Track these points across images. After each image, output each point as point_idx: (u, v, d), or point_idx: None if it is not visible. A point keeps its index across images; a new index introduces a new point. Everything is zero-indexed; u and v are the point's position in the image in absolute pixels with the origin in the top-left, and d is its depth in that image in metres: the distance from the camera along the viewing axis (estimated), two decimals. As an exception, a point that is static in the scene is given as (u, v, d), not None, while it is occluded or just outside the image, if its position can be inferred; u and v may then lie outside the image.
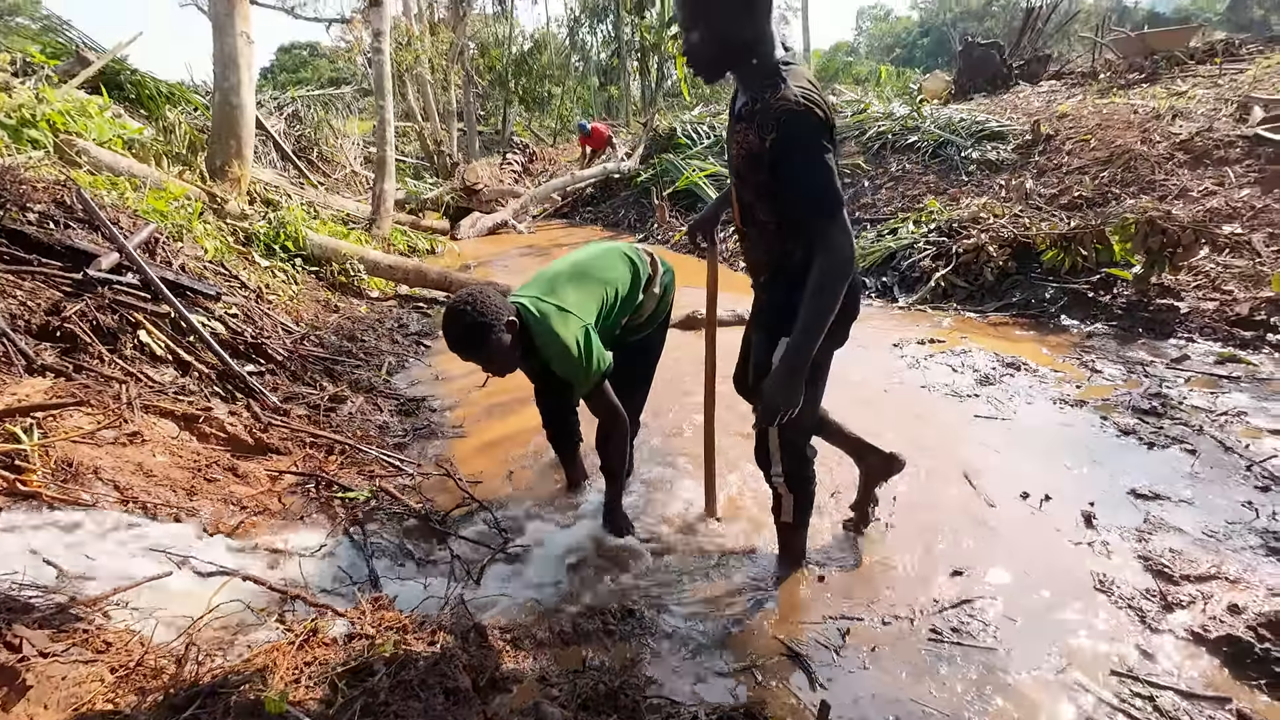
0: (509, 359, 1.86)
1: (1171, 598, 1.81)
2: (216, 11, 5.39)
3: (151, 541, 1.66)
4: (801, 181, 1.37)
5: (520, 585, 1.97)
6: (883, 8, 43.11)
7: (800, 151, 1.35)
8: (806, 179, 1.36)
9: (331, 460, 2.53)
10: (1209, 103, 6.74)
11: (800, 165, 1.36)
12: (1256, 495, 2.30)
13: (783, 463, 1.76)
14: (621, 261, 2.10)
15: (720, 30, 1.37)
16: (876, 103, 10.00)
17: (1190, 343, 3.78)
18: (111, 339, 2.59)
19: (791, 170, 1.38)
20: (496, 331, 1.76)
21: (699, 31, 1.39)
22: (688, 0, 1.39)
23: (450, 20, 17.06)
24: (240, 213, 4.85)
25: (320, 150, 10.80)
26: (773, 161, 1.39)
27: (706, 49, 1.41)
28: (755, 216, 1.56)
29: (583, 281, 1.98)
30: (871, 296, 5.37)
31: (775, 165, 1.39)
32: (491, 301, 1.78)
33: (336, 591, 1.80)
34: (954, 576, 1.95)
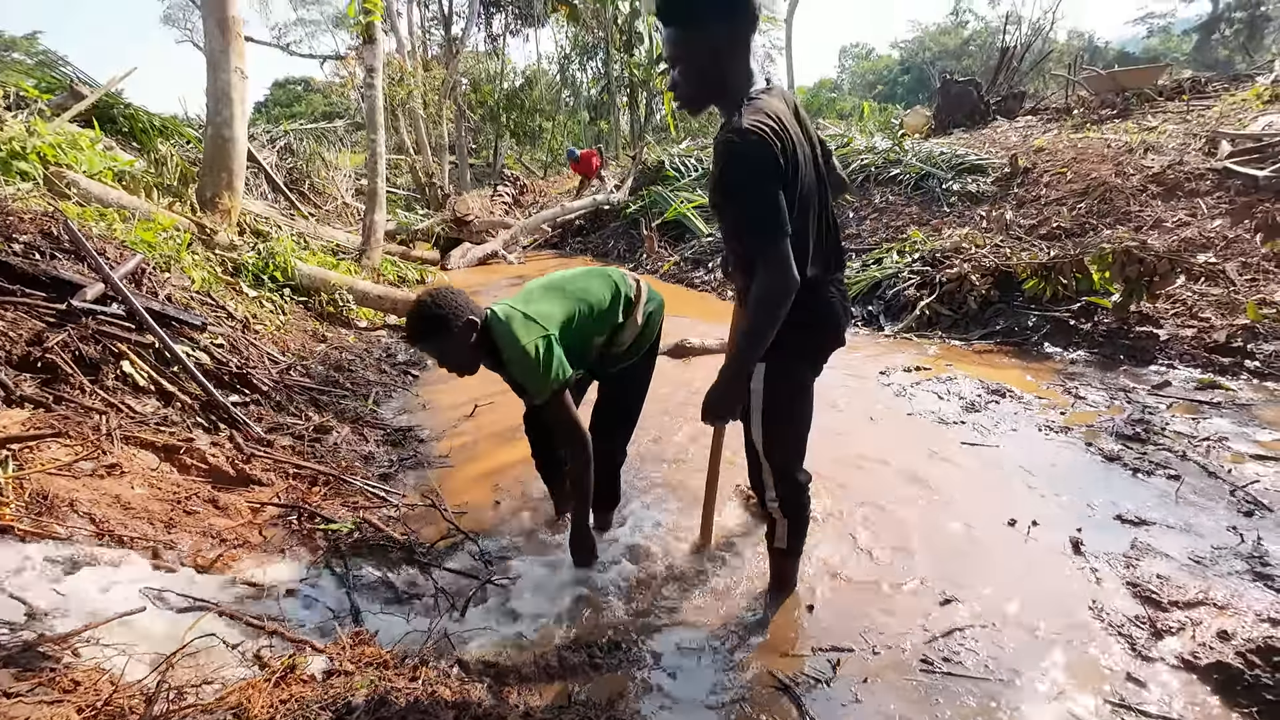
0: (464, 357, 1.89)
1: (1161, 624, 1.81)
2: (212, 48, 5.48)
3: (126, 576, 1.62)
4: (733, 211, 1.43)
5: (505, 618, 1.93)
6: (864, 46, 44.51)
7: (733, 181, 1.39)
8: (738, 208, 1.41)
9: (315, 491, 2.50)
10: (1179, 137, 6.97)
11: (732, 194, 1.40)
12: (1241, 520, 2.31)
13: (777, 488, 1.76)
14: (601, 280, 2.11)
15: (699, 68, 1.45)
16: (860, 137, 10.25)
17: (1171, 369, 3.84)
18: (93, 369, 2.56)
19: (725, 199, 1.43)
20: (453, 326, 1.81)
21: (680, 68, 1.47)
22: (671, 41, 1.45)
23: (443, 57, 17.42)
24: (229, 243, 4.86)
25: (312, 182, 10.89)
26: (718, 189, 1.45)
27: (688, 85, 1.48)
28: (727, 244, 1.64)
29: (555, 294, 2.00)
30: (858, 325, 5.43)
31: (718, 192, 1.45)
32: (454, 299, 1.85)
33: (316, 626, 1.75)
34: (944, 605, 1.93)
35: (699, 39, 1.43)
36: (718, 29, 1.42)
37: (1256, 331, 3.93)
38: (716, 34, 1.42)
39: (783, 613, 1.93)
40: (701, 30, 1.42)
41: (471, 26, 18.05)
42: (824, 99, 27.91)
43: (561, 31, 20.53)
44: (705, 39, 1.42)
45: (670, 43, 1.46)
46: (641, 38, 18.80)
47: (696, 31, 1.42)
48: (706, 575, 2.13)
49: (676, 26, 1.44)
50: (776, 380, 1.63)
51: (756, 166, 1.36)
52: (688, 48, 1.44)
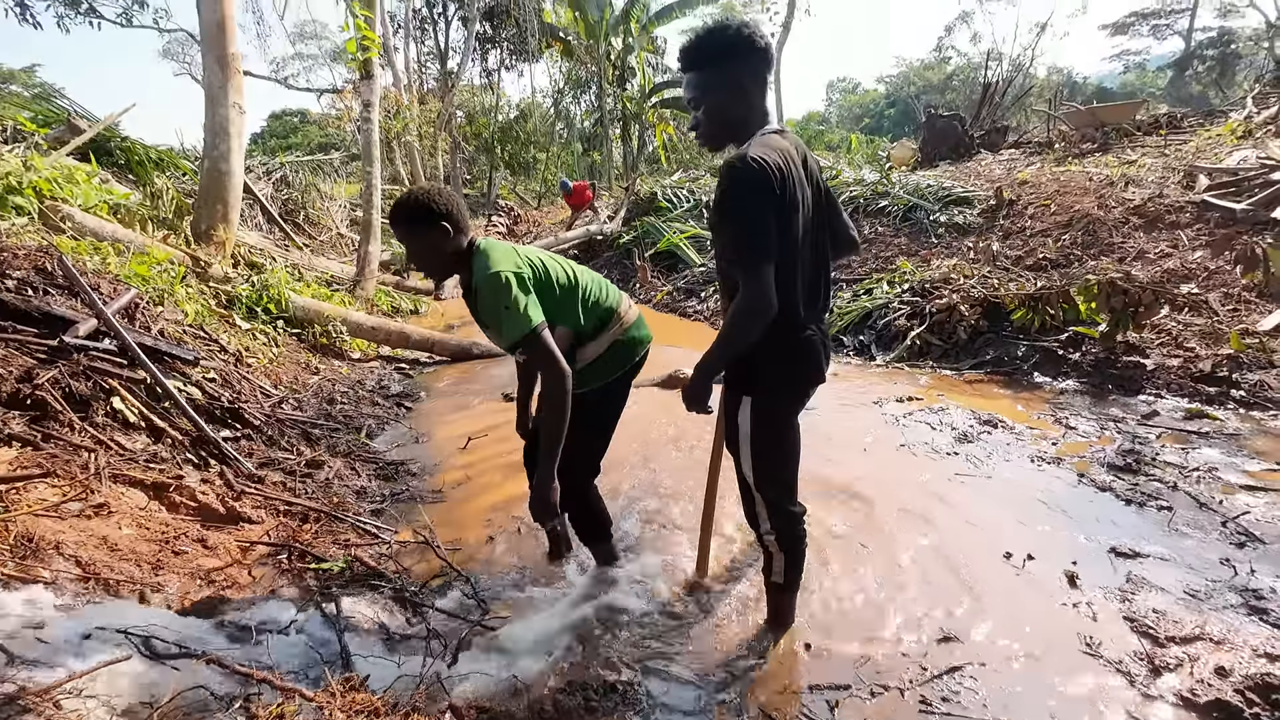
0: (432, 259, 1.81)
1: (1159, 660, 1.80)
2: (211, 83, 5.57)
3: (112, 621, 1.59)
4: (725, 231, 1.51)
5: (499, 660, 1.89)
6: (851, 81, 45.68)
7: (728, 203, 1.47)
8: (729, 229, 1.49)
9: (306, 529, 2.46)
10: (1158, 171, 7.16)
11: (726, 216, 1.48)
12: (1233, 552, 2.32)
13: (770, 521, 1.77)
14: (599, 280, 2.06)
15: (721, 107, 1.56)
16: (848, 169, 10.46)
17: (1159, 398, 3.89)
18: (84, 406, 2.54)
19: (719, 219, 1.52)
20: (433, 221, 1.74)
21: (704, 109, 1.57)
22: (692, 85, 1.56)
23: (439, 90, 17.74)
24: (223, 276, 4.87)
25: (307, 213, 10.96)
26: (713, 208, 1.53)
27: (711, 124, 1.59)
28: (722, 265, 1.67)
29: (549, 257, 1.95)
30: (850, 354, 5.48)
31: (714, 211, 1.53)
32: (449, 200, 1.78)
33: (306, 672, 1.72)
34: (942, 642, 1.92)
35: (721, 80, 1.54)
36: (739, 69, 1.53)
37: (1241, 361, 3.99)
38: (738, 74, 1.53)
39: (781, 650, 1.91)
40: (724, 72, 1.53)
41: (467, 61, 18.42)
42: (812, 131, 28.52)
43: (555, 66, 20.98)
44: (728, 80, 1.53)
45: (693, 86, 1.56)
46: (634, 72, 19.24)
47: (719, 73, 1.53)
48: (704, 611, 2.11)
49: (700, 70, 1.55)
50: (762, 415, 1.67)
51: (753, 191, 1.43)
52: (711, 89, 1.55)
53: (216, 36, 5.47)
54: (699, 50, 1.54)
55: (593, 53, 18.30)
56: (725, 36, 1.51)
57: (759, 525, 1.80)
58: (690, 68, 1.56)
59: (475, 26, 17.60)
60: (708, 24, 1.57)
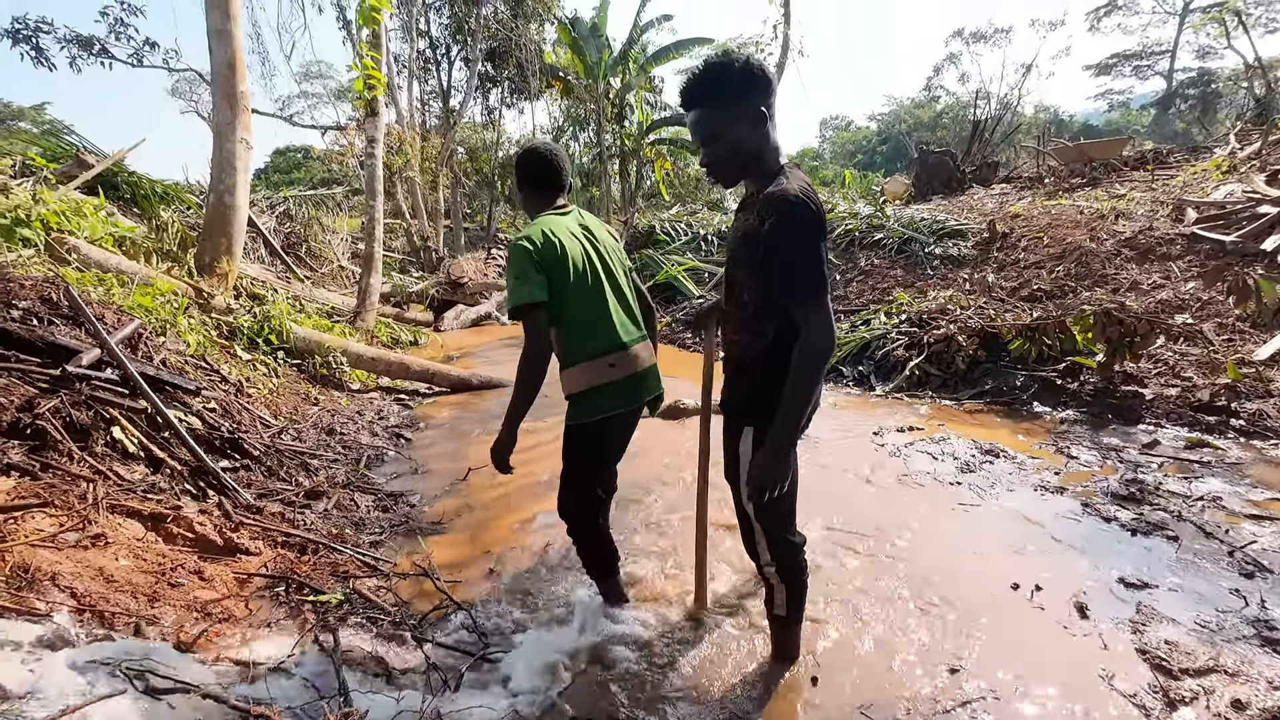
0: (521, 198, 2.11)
1: (1174, 693, 1.77)
2: (219, 120, 5.68)
3: (106, 654, 1.56)
4: (790, 262, 1.47)
5: (500, 695, 1.85)
6: (843, 118, 46.81)
7: (792, 235, 1.46)
8: (794, 260, 1.46)
9: (304, 560, 2.43)
10: (1146, 204, 7.31)
11: (791, 247, 1.46)
12: (1243, 582, 2.30)
13: (771, 552, 1.75)
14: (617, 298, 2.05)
15: (733, 144, 1.54)
16: (843, 203, 10.64)
17: (1159, 427, 3.89)
18: (83, 435, 2.53)
19: (782, 251, 1.47)
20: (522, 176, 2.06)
21: (716, 147, 1.56)
22: (705, 122, 1.54)
23: (441, 127, 18.10)
24: (226, 307, 4.89)
25: (309, 246, 11.06)
26: (768, 242, 1.49)
27: (724, 161, 1.58)
28: (740, 296, 1.64)
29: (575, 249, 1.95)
30: (850, 385, 5.49)
31: (770, 246, 1.49)
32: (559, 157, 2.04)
33: (303, 708, 1.67)
34: (952, 674, 1.89)
35: (737, 115, 1.52)
36: (753, 103, 1.51)
37: (1239, 390, 4.01)
38: (753, 108, 1.51)
39: (787, 685, 1.87)
40: (738, 107, 1.51)
41: (469, 99, 18.84)
42: (807, 167, 29.07)
43: (555, 104, 21.46)
44: (744, 114, 1.52)
45: (706, 122, 1.54)
46: (632, 109, 19.67)
47: (733, 108, 1.52)
48: (709, 646, 2.07)
49: (710, 107, 1.53)
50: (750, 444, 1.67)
51: (812, 227, 1.46)
52: (726, 125, 1.53)
53: (227, 75, 5.60)
54: (709, 86, 1.52)
55: (591, 91, 18.74)
56: (735, 70, 1.49)
57: (759, 557, 1.78)
58: (699, 104, 1.54)
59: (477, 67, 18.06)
60: (711, 59, 1.53)
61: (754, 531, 1.74)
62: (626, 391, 2.00)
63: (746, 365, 1.66)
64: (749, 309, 1.61)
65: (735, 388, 1.71)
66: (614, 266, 2.07)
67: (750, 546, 1.79)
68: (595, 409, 1.96)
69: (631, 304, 2.11)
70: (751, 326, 1.61)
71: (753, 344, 1.62)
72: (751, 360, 1.64)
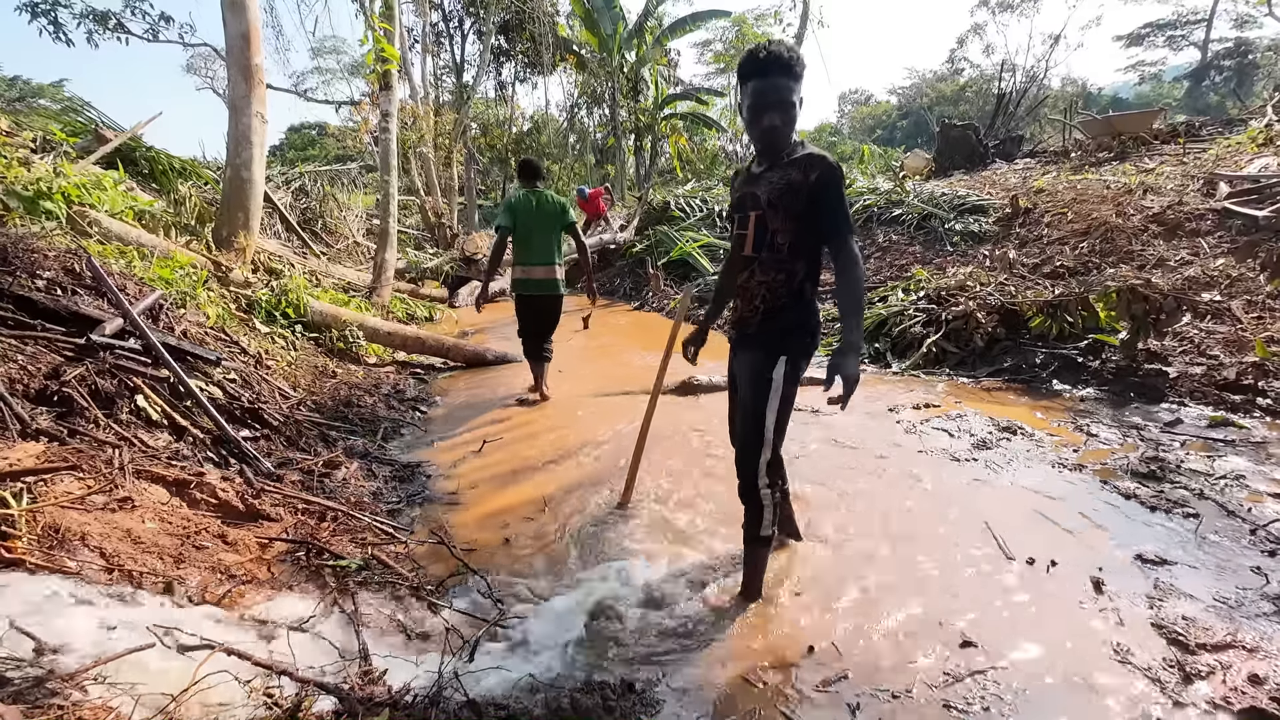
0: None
1: (1190, 668, 1.76)
2: (234, 94, 5.69)
3: (134, 612, 1.60)
4: (838, 208, 1.82)
5: (517, 658, 1.89)
6: (863, 93, 45.69)
7: (838, 187, 1.81)
8: (841, 207, 1.82)
9: (324, 527, 2.48)
10: (1177, 179, 7.09)
11: (838, 196, 1.81)
12: (1264, 560, 2.27)
13: (768, 472, 1.99)
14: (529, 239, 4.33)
15: (795, 116, 1.87)
16: (861, 179, 10.45)
17: (1182, 406, 3.82)
18: (109, 403, 2.58)
19: (831, 199, 1.81)
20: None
21: (788, 114, 1.85)
22: (785, 90, 1.82)
23: (454, 103, 17.97)
24: (244, 281, 4.94)
25: (324, 222, 11.11)
26: (814, 192, 1.80)
27: (787, 127, 1.86)
28: (774, 240, 1.90)
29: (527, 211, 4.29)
30: (866, 362, 5.44)
31: (817, 194, 1.81)
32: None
33: (324, 666, 1.72)
34: (964, 647, 1.89)
35: (799, 91, 1.85)
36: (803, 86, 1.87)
37: (1266, 369, 3.92)
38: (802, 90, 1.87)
39: (796, 653, 1.89)
40: (801, 86, 1.85)
41: (482, 74, 18.66)
42: (825, 142, 28.56)
43: (569, 79, 21.21)
44: (800, 93, 1.86)
45: (782, 90, 1.82)
46: (647, 85, 19.39)
47: (799, 86, 1.85)
48: (717, 613, 2.09)
49: (790, 79, 1.82)
50: (792, 376, 1.94)
51: (843, 181, 1.83)
52: (794, 97, 1.84)
53: (241, 48, 5.59)
54: (791, 60, 1.81)
55: (606, 65, 18.47)
56: (800, 55, 1.84)
57: (758, 479, 1.99)
58: (784, 74, 1.81)
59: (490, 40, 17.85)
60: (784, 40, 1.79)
61: (762, 452, 1.96)
62: (527, 285, 4.39)
63: (779, 306, 1.93)
64: (784, 250, 1.90)
65: (767, 327, 1.96)
66: (543, 222, 4.31)
67: (752, 471, 1.99)
68: (515, 289, 4.46)
69: (544, 241, 4.33)
70: (787, 266, 1.91)
71: (787, 283, 1.92)
72: (784, 301, 1.93)
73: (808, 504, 2.78)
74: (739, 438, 2.06)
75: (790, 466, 3.12)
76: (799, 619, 2.05)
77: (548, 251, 4.31)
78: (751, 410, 1.97)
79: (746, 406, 1.99)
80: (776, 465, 2.04)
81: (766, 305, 1.94)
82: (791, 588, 2.20)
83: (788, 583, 2.23)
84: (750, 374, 1.99)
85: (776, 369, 1.92)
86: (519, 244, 4.31)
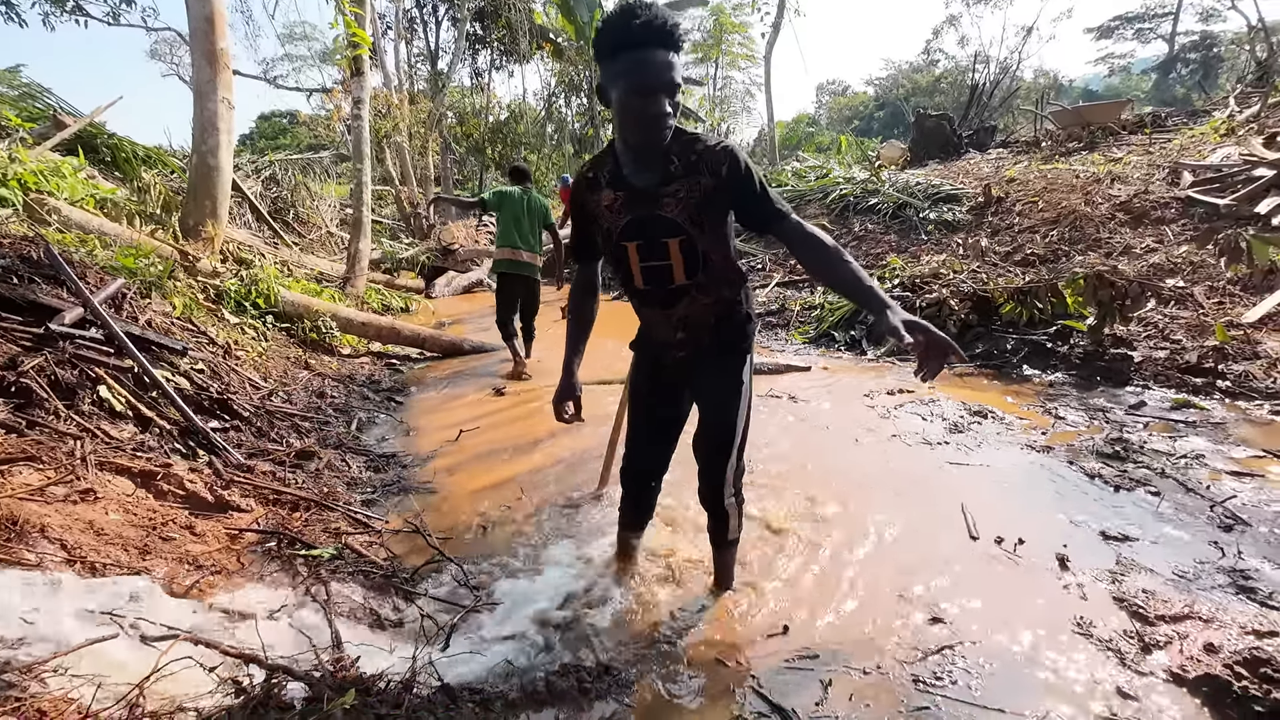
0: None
1: (1149, 638, 1.81)
2: (199, 80, 5.52)
3: (97, 603, 1.57)
4: (764, 190, 1.54)
5: (492, 643, 1.88)
6: (840, 83, 45.90)
7: (749, 167, 1.52)
8: (766, 188, 1.54)
9: (296, 517, 2.44)
10: (1143, 168, 7.25)
11: (758, 179, 1.53)
12: (1221, 535, 2.34)
13: (735, 481, 1.87)
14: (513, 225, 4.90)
15: (678, 104, 1.46)
16: (838, 168, 10.52)
17: (1146, 389, 3.93)
18: (70, 394, 2.51)
19: (754, 184, 1.52)
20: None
21: (668, 102, 1.42)
22: (670, 67, 1.39)
23: (429, 91, 17.67)
24: (212, 270, 4.82)
25: (296, 212, 10.88)
26: (735, 187, 1.52)
27: (671, 117, 1.46)
28: (708, 261, 1.62)
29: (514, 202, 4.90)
30: (841, 350, 5.50)
31: (738, 188, 1.52)
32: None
33: (296, 655, 1.69)
34: (933, 623, 1.93)
35: (681, 68, 1.43)
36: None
37: (1226, 352, 4.04)
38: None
39: (773, 630, 1.91)
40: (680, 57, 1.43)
41: (457, 62, 18.37)
42: (803, 133, 28.66)
43: (547, 67, 20.97)
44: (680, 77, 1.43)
45: (666, 68, 1.39)
46: (625, 74, 19.21)
47: (680, 58, 1.42)
48: (692, 597, 2.10)
49: (673, 52, 1.40)
50: (750, 370, 1.80)
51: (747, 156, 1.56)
52: (678, 76, 1.41)
53: (205, 31, 5.42)
54: (671, 29, 1.38)
55: (584, 54, 18.28)
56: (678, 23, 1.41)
57: (725, 488, 1.84)
58: (664, 45, 1.39)
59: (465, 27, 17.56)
60: (651, 4, 1.38)
61: (729, 461, 1.81)
62: (511, 265, 4.92)
63: (728, 312, 1.74)
64: (717, 265, 1.64)
65: (725, 333, 1.75)
66: (528, 213, 4.90)
67: (718, 481, 1.83)
68: (498, 268, 4.98)
69: (531, 233, 4.93)
70: (729, 274, 1.68)
71: (733, 286, 1.71)
72: (735, 305, 1.74)
73: (782, 489, 2.81)
74: (706, 449, 1.84)
75: (764, 452, 3.17)
76: (773, 601, 2.07)
77: (531, 239, 4.96)
78: (722, 421, 1.78)
79: (711, 419, 1.80)
80: (741, 472, 1.90)
81: (719, 317, 1.72)
82: (765, 571, 2.23)
83: (762, 567, 2.25)
84: (716, 386, 1.79)
85: (745, 368, 1.76)
86: (505, 228, 4.89)
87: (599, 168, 1.64)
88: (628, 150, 1.56)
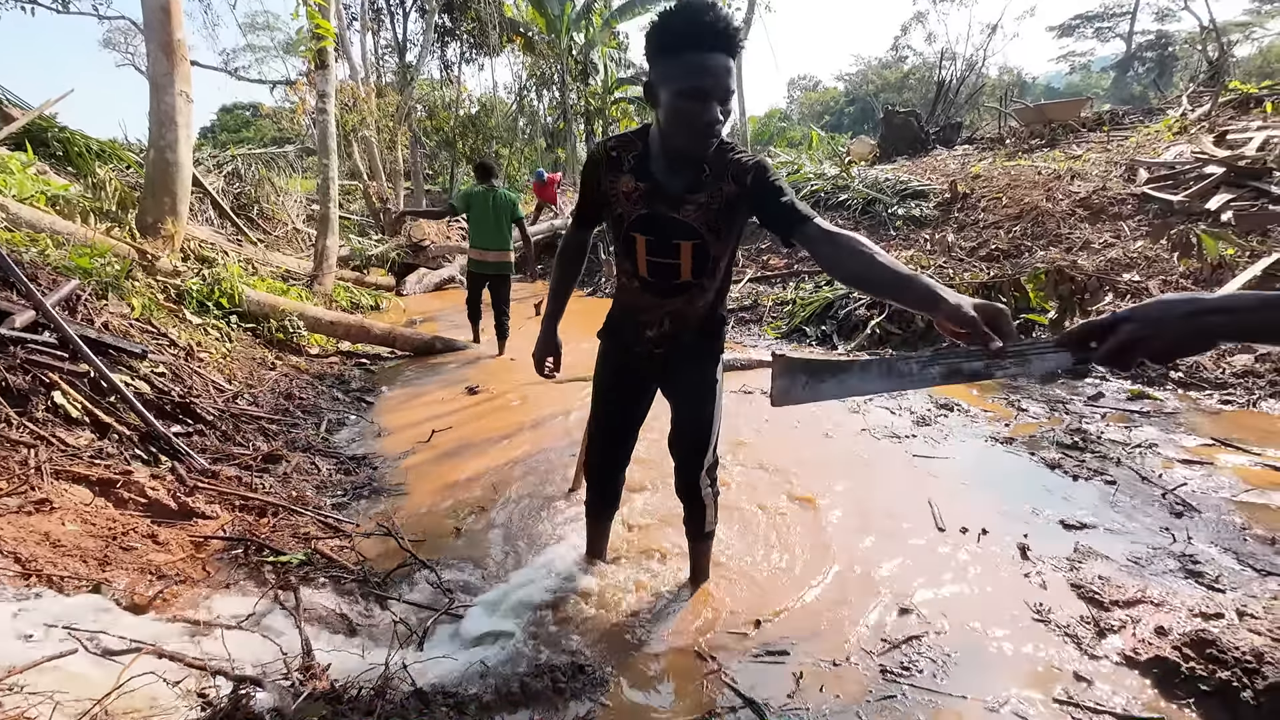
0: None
1: (1104, 623, 1.89)
2: (155, 71, 5.34)
3: (55, 617, 1.52)
4: (789, 192, 1.48)
5: (465, 646, 1.88)
6: (811, 79, 46.31)
7: (775, 172, 1.51)
8: (789, 189, 1.50)
9: (263, 523, 2.40)
10: (1102, 165, 7.47)
11: (786, 187, 1.49)
12: (1172, 521, 2.45)
13: (710, 472, 1.91)
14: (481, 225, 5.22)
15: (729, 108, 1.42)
16: (809, 164, 10.62)
17: (1104, 381, 4.07)
18: (22, 401, 2.42)
19: (780, 188, 1.46)
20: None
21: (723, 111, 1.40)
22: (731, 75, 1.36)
23: (397, 84, 17.34)
24: (172, 269, 4.68)
25: (261, 208, 10.61)
26: (759, 193, 1.47)
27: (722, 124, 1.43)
28: (715, 264, 1.63)
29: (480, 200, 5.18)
30: (813, 344, 5.57)
31: (763, 194, 1.46)
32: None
33: (264, 664, 1.67)
34: (901, 614, 1.98)
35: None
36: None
37: (1178, 344, 4.19)
38: None
39: (739, 627, 1.94)
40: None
41: (426, 54, 18.05)
42: (774, 128, 28.82)
43: (517, 60, 20.74)
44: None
45: (729, 76, 1.35)
46: (597, 68, 19.14)
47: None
48: (666, 594, 2.12)
49: (735, 60, 1.36)
50: (722, 370, 1.84)
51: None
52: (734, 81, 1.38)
53: (161, 21, 5.24)
54: (736, 34, 1.32)
55: (554, 47, 18.13)
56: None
57: (700, 481, 1.89)
58: (730, 52, 1.33)
59: (434, 18, 17.26)
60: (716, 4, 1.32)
61: (705, 456, 1.85)
62: (481, 266, 5.31)
63: (712, 314, 1.76)
64: (720, 270, 1.67)
65: (705, 330, 1.78)
66: (497, 214, 5.18)
67: (694, 474, 1.88)
68: (470, 268, 5.44)
69: (497, 231, 5.20)
70: (722, 278, 1.71)
71: (720, 289, 1.73)
72: (716, 308, 1.76)
73: (754, 485, 2.85)
74: (683, 446, 1.87)
75: (736, 451, 3.20)
76: (745, 595, 2.10)
77: (500, 238, 5.25)
78: (698, 417, 1.82)
79: (688, 416, 1.84)
80: (715, 465, 1.94)
81: (701, 316, 1.74)
82: (737, 566, 2.26)
83: (733, 561, 2.28)
84: (692, 385, 1.82)
85: (719, 368, 1.82)
86: (475, 229, 5.26)
87: (625, 149, 1.57)
88: (665, 149, 1.50)
